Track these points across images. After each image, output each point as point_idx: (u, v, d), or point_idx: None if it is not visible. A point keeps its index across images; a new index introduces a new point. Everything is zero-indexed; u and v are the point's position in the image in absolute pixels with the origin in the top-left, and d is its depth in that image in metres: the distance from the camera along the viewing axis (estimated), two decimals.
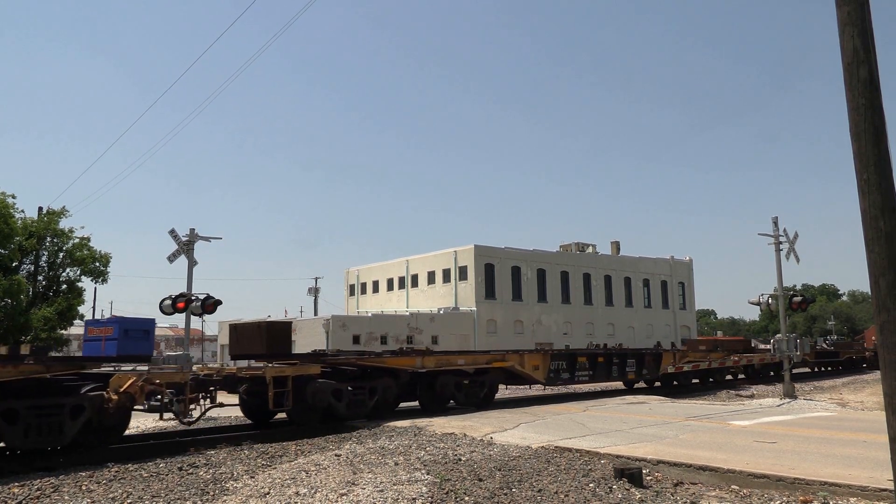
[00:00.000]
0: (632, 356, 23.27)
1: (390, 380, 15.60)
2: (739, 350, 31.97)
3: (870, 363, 45.27)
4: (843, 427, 12.49)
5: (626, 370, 22.66)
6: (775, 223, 22.17)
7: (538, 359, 19.62)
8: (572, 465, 8.88)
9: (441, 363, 16.79)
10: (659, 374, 24.17)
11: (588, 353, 22.07)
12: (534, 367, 19.26)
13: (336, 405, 14.19)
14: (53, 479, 8.74)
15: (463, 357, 17.91)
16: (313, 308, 70.46)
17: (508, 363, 18.49)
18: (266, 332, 15.12)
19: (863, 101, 5.17)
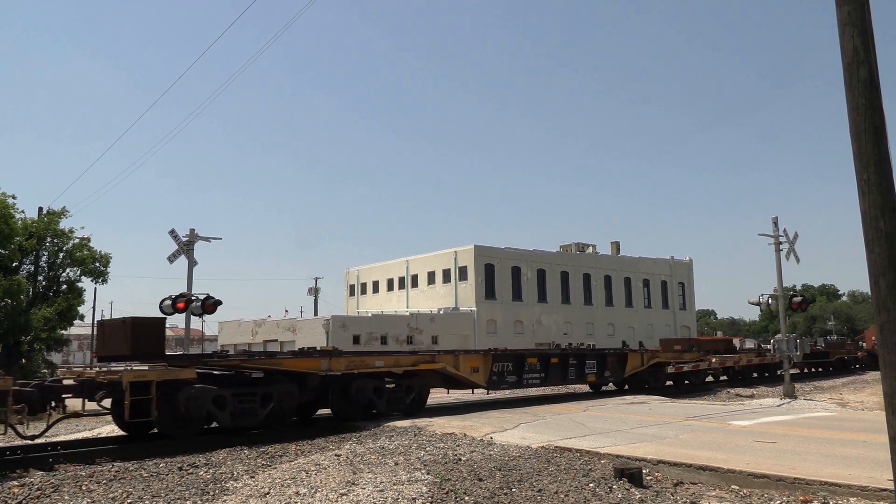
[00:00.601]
0: (592, 357, 21.54)
1: (291, 385, 13.81)
2: (720, 350, 30.42)
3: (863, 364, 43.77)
4: (844, 427, 12.49)
5: (585, 372, 20.85)
6: (775, 223, 22.20)
7: (477, 360, 18.00)
8: (572, 464, 8.88)
9: (355, 365, 15.07)
10: (624, 375, 22.53)
11: (539, 353, 20.37)
12: (472, 369, 17.61)
13: (218, 414, 12.50)
14: (53, 479, 8.74)
15: (382, 358, 16.19)
16: (313, 308, 70.46)
17: (439, 365, 16.75)
18: (131, 329, 12.87)
19: (863, 101, 5.17)
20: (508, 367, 18.59)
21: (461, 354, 17.81)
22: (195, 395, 12.13)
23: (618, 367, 22.24)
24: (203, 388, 12.31)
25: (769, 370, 32.93)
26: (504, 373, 18.42)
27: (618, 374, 22.36)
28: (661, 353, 25.00)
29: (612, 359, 22.13)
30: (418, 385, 16.33)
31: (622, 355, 22.71)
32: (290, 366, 14.24)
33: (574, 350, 22.02)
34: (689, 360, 25.57)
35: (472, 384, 17.89)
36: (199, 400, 12.14)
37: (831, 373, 39.41)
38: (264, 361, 14.02)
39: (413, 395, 16.12)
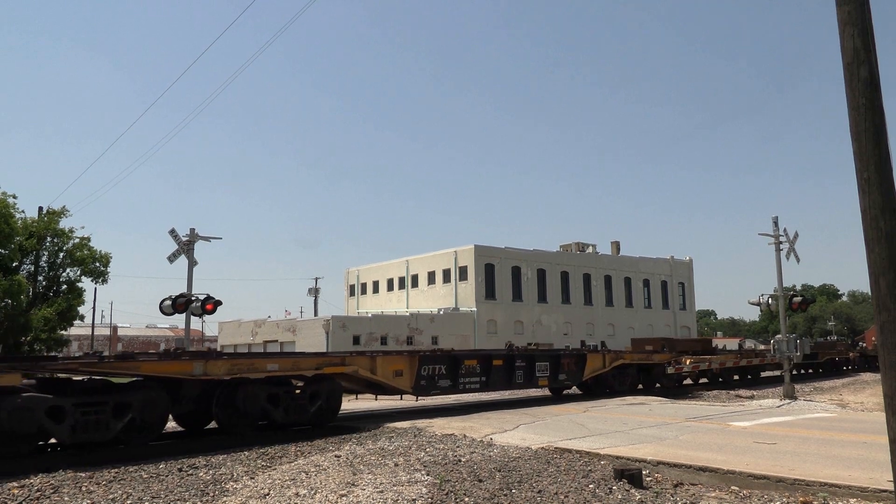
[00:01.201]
0: (544, 358, 19.53)
1: (156, 393, 11.75)
2: (697, 351, 28.77)
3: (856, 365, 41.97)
4: (843, 428, 12.48)
5: (535, 375, 18.92)
6: (775, 223, 22.18)
7: (401, 362, 16.01)
8: (572, 466, 8.88)
9: (240, 369, 12.87)
10: (583, 378, 20.61)
11: (479, 354, 18.35)
12: (394, 372, 15.68)
13: (54, 429, 10.50)
14: (53, 480, 8.73)
15: (277, 361, 13.78)
16: (313, 308, 70.48)
17: (350, 368, 14.69)
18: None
19: (863, 101, 5.16)
20: (441, 371, 16.56)
21: (379, 357, 15.85)
22: (24, 405, 10.09)
23: (575, 370, 20.34)
24: (35, 398, 10.31)
25: (751, 372, 31.78)
26: (435, 376, 16.42)
27: (575, 377, 20.44)
28: (627, 354, 23.46)
29: (568, 360, 20.19)
30: (326, 391, 14.14)
31: (580, 356, 20.77)
32: (150, 370, 11.88)
33: (522, 351, 19.66)
34: (658, 362, 24.02)
35: (395, 390, 16.00)
36: (27, 412, 10.09)
37: (821, 374, 37.75)
38: (114, 365, 11.63)
39: (319, 402, 13.95)
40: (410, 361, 16.15)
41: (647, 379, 23.77)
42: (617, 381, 22.02)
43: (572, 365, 20.27)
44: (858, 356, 42.93)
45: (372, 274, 61.21)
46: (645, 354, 24.32)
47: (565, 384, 20.56)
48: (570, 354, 20.66)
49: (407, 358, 16.28)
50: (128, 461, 10.20)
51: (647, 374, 23.64)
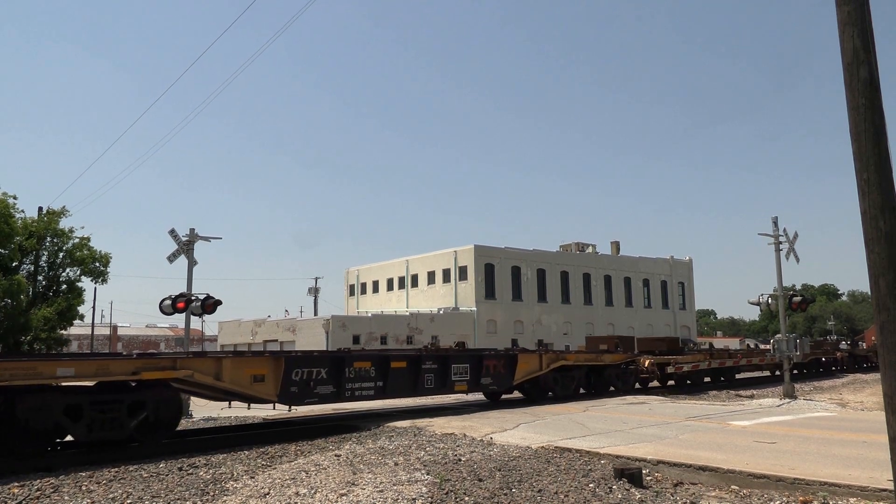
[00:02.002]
0: (461, 359, 16.92)
1: None
2: (663, 350, 26.50)
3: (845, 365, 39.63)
4: (843, 427, 12.49)
5: (450, 379, 16.44)
6: (775, 223, 22.20)
7: (263, 365, 13.28)
8: (572, 465, 8.88)
9: (18, 375, 9.95)
10: (514, 381, 18.10)
11: (373, 355, 15.69)
12: (252, 377, 13.01)
13: None
14: (53, 479, 8.74)
15: (74, 364, 10.68)
16: (313, 308, 70.50)
17: (183, 372, 11.88)
18: None
19: (863, 101, 5.17)
20: (320, 375, 14.00)
21: (228, 359, 13.01)
22: None
23: (504, 372, 17.87)
24: None
25: (725, 374, 29.35)
26: (311, 381, 13.84)
27: (503, 381, 17.93)
28: (570, 355, 20.88)
29: (493, 362, 17.72)
30: (154, 401, 11.43)
31: (510, 358, 18.26)
32: None
33: (431, 351, 17.33)
34: (609, 363, 21.73)
35: (254, 398, 13.46)
36: None
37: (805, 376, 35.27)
38: None
39: (145, 414, 11.27)
40: (275, 364, 13.45)
41: (599, 381, 21.33)
42: (559, 385, 19.58)
43: (500, 367, 17.84)
44: (847, 356, 40.89)
45: (372, 274, 61.23)
46: (593, 355, 21.82)
47: (490, 389, 17.92)
48: (497, 355, 18.29)
49: (270, 360, 13.57)
50: (128, 460, 10.22)
51: (598, 376, 21.31)
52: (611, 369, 21.69)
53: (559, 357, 19.94)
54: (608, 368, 21.60)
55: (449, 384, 16.52)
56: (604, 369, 21.50)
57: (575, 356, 20.77)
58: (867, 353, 44.49)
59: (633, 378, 22.90)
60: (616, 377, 21.87)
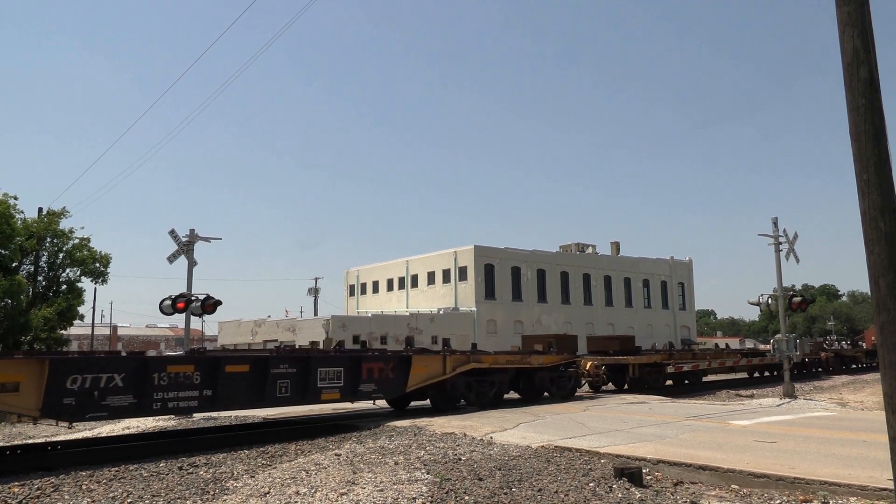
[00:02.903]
0: (330, 362, 14.12)
1: None
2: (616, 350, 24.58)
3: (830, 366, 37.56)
4: (843, 427, 12.50)
5: (315, 386, 13.69)
6: (775, 223, 22.22)
7: (18, 371, 10.38)
8: (572, 464, 8.89)
9: None
10: (406, 389, 15.46)
11: (197, 358, 12.59)
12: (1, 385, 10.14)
13: None
14: (53, 479, 8.75)
15: None
16: (313, 308, 70.53)
17: None
18: None
19: (863, 102, 5.17)
20: (113, 382, 11.15)
21: None
22: None
23: (392, 377, 15.16)
24: None
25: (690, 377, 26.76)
26: (98, 391, 10.98)
27: (392, 387, 15.18)
28: (487, 356, 17.76)
29: (376, 365, 14.89)
30: None
31: (401, 360, 15.53)
32: None
33: (286, 352, 14.59)
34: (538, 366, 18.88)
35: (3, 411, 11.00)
36: None
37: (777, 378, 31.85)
38: None
39: None
40: (39, 368, 10.51)
41: (530, 387, 18.78)
42: (473, 392, 16.89)
43: (387, 371, 15.09)
44: (833, 356, 38.76)
45: (372, 274, 61.24)
46: (518, 356, 18.79)
47: (375, 396, 15.00)
48: (383, 357, 15.45)
49: (29, 363, 10.58)
50: (128, 460, 10.23)
51: (528, 381, 18.77)
52: (543, 373, 18.97)
53: (469, 359, 16.97)
54: (540, 372, 18.89)
55: (312, 392, 13.71)
56: (534, 373, 18.80)
57: (493, 358, 17.90)
58: (855, 354, 43.17)
59: (573, 382, 20.11)
60: (550, 382, 19.17)
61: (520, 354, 19.16)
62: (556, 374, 19.46)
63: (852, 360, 42.36)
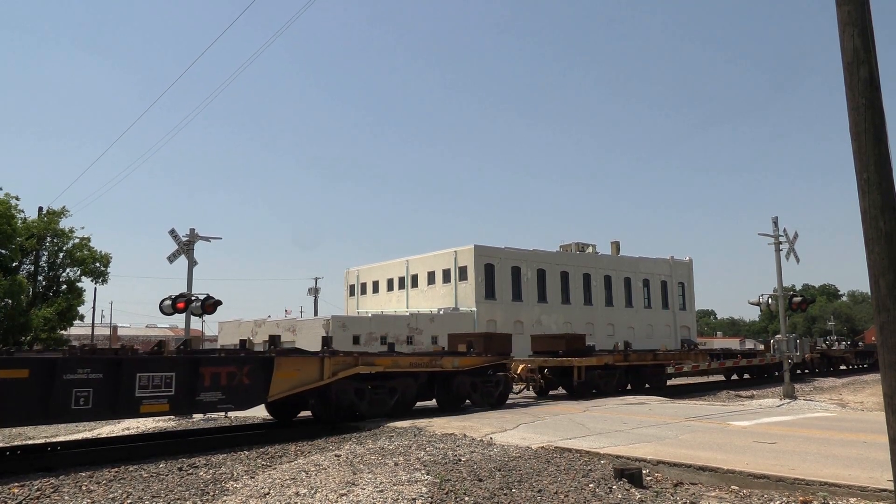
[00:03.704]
0: (151, 366, 11.34)
1: None
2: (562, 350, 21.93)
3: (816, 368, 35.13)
4: (843, 427, 12.49)
5: (132, 395, 10.95)
6: (775, 223, 22.21)
7: None
8: (572, 465, 8.88)
9: None
10: (268, 397, 12.96)
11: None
12: None
13: None
14: (53, 479, 8.74)
15: None
16: (313, 308, 70.52)
17: None
18: None
19: (863, 101, 5.17)
20: None
21: None
22: None
23: (249, 383, 12.40)
24: None
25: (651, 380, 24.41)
26: None
27: (247, 397, 12.45)
28: (382, 358, 15.30)
29: (224, 368, 12.10)
30: None
31: (260, 362, 12.73)
32: None
33: (87, 353, 11.30)
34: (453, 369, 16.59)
35: None
36: None
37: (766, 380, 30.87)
38: None
39: None
40: None
41: (446, 393, 16.55)
42: (366, 401, 14.57)
43: (240, 376, 12.28)
44: (819, 357, 36.23)
45: (372, 274, 61.23)
46: (427, 359, 16.34)
47: (222, 407, 12.22)
48: (232, 359, 12.48)
49: None
50: (128, 460, 10.22)
51: (445, 387, 16.52)
52: (462, 377, 16.75)
53: (358, 361, 14.54)
54: (458, 376, 16.65)
55: (127, 403, 10.93)
56: (452, 377, 16.56)
57: (392, 360, 15.35)
58: (843, 355, 40.67)
59: (502, 388, 17.78)
60: (472, 387, 16.97)
61: (428, 356, 16.65)
62: (480, 379, 17.31)
63: (841, 360, 40.07)
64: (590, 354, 22.47)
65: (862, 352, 44.16)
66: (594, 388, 21.69)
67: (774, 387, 27.37)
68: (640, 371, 24.29)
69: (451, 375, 16.62)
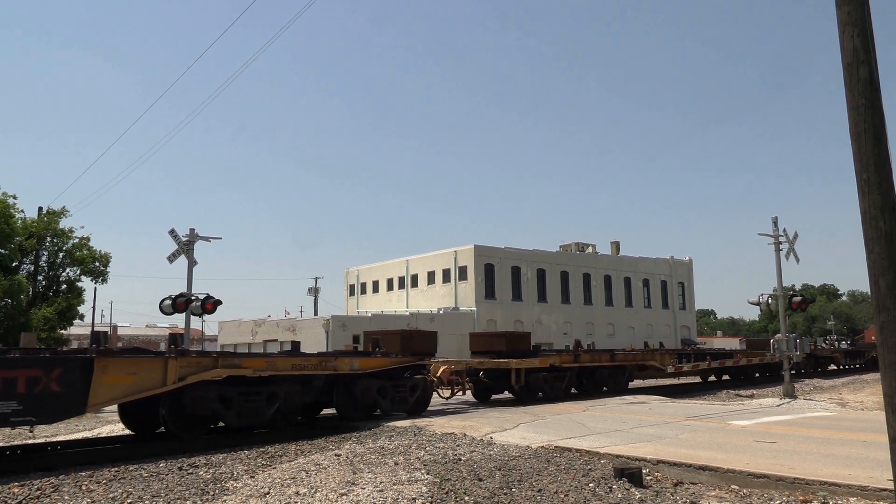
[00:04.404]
0: None
1: None
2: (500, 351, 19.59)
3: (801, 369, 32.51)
4: (843, 427, 12.50)
5: None
6: (775, 223, 22.21)
7: None
8: (572, 464, 8.89)
9: None
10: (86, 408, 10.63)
11: None
12: None
13: None
14: (53, 479, 8.74)
15: None
16: (313, 308, 70.52)
17: None
18: None
19: (863, 101, 5.17)
20: None
21: None
22: None
23: (59, 392, 10.13)
24: None
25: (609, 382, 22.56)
26: None
27: (58, 407, 10.23)
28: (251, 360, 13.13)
29: (29, 373, 9.83)
30: None
31: (76, 365, 10.50)
32: None
33: None
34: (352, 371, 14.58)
35: None
36: None
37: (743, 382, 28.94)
38: None
39: None
40: None
41: (347, 398, 14.50)
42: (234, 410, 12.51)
43: (47, 382, 10.04)
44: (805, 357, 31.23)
45: (372, 274, 61.22)
46: (317, 360, 14.07)
47: (19, 421, 9.84)
48: (35, 360, 10.11)
49: None
50: (128, 460, 10.22)
51: (346, 391, 14.52)
52: (367, 381, 14.73)
53: (218, 363, 12.39)
54: (362, 381, 14.66)
55: None
56: (355, 381, 14.58)
57: (264, 363, 13.17)
58: (832, 354, 38.35)
59: (419, 393, 15.76)
60: (381, 393, 14.97)
61: (318, 358, 14.32)
62: (391, 383, 15.29)
63: (830, 360, 38.13)
64: (534, 355, 20.29)
65: (851, 351, 42.22)
66: (539, 391, 19.84)
67: (774, 386, 27.38)
68: (596, 373, 22.41)
69: (353, 379, 14.63)
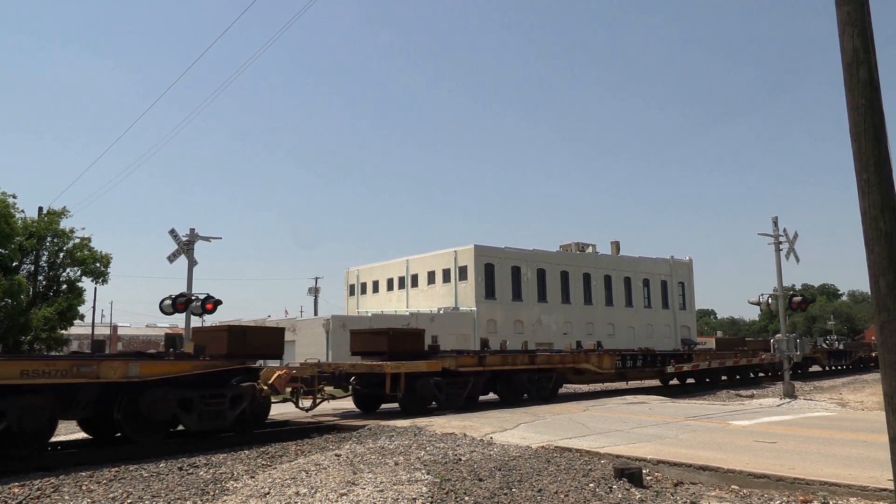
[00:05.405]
0: None
1: None
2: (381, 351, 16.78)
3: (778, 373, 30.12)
4: (843, 427, 12.50)
5: None
6: (775, 223, 22.22)
7: None
8: (572, 465, 8.89)
9: None
10: None
11: None
12: None
13: None
14: (53, 479, 8.75)
15: None
16: (313, 308, 70.50)
17: None
18: None
19: (863, 101, 5.17)
20: None
21: None
22: None
23: None
24: None
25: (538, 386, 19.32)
26: None
27: None
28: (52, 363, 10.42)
29: None
30: None
31: None
32: None
33: None
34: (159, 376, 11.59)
35: None
36: None
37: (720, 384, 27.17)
38: None
39: None
40: None
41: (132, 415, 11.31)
42: None
43: None
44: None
45: (372, 274, 61.23)
46: (68, 364, 10.56)
47: None
48: None
49: None
50: (128, 460, 10.22)
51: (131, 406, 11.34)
52: (159, 392, 11.53)
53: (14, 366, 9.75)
54: (152, 391, 11.43)
55: None
56: (141, 392, 11.31)
57: (61, 365, 10.42)
58: (814, 355, 35.15)
59: (245, 405, 12.70)
60: (183, 405, 11.89)
61: (68, 362, 10.61)
62: (203, 394, 12.14)
63: (812, 360, 35.96)
64: (427, 357, 16.97)
65: (835, 352, 39.81)
66: (432, 401, 16.53)
67: (775, 386, 27.37)
68: (514, 378, 18.90)
69: (140, 390, 11.27)
